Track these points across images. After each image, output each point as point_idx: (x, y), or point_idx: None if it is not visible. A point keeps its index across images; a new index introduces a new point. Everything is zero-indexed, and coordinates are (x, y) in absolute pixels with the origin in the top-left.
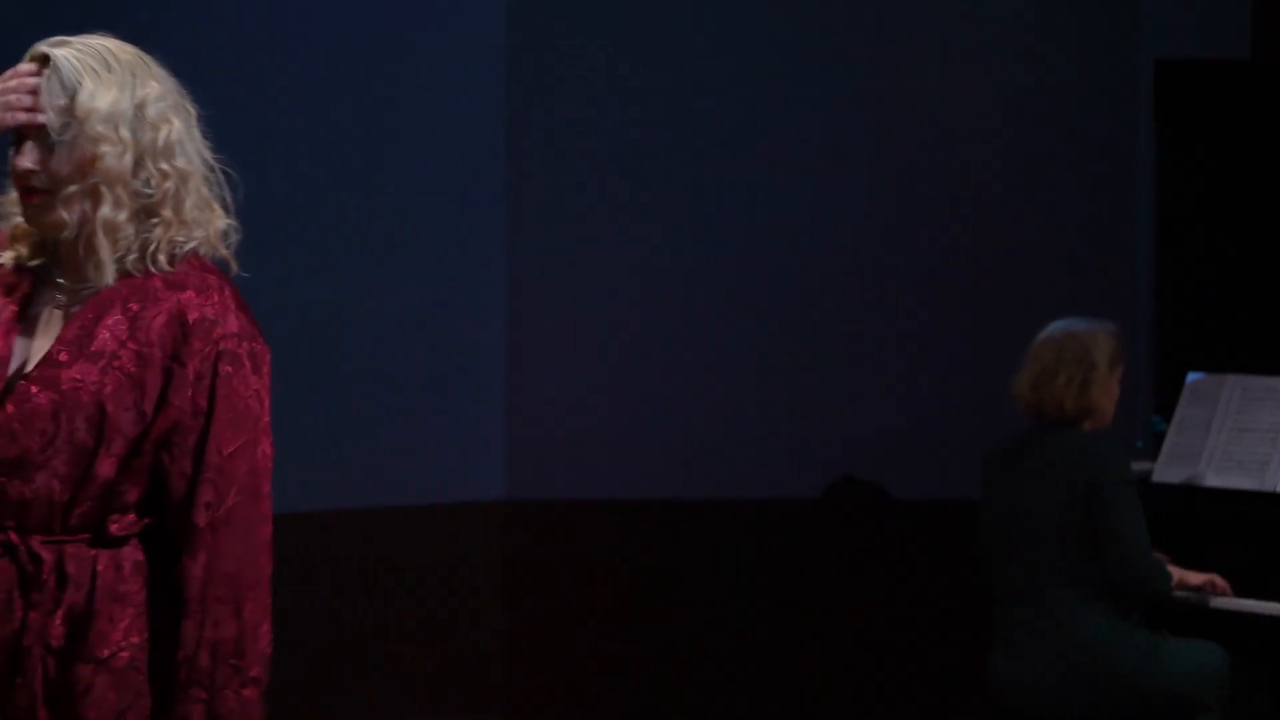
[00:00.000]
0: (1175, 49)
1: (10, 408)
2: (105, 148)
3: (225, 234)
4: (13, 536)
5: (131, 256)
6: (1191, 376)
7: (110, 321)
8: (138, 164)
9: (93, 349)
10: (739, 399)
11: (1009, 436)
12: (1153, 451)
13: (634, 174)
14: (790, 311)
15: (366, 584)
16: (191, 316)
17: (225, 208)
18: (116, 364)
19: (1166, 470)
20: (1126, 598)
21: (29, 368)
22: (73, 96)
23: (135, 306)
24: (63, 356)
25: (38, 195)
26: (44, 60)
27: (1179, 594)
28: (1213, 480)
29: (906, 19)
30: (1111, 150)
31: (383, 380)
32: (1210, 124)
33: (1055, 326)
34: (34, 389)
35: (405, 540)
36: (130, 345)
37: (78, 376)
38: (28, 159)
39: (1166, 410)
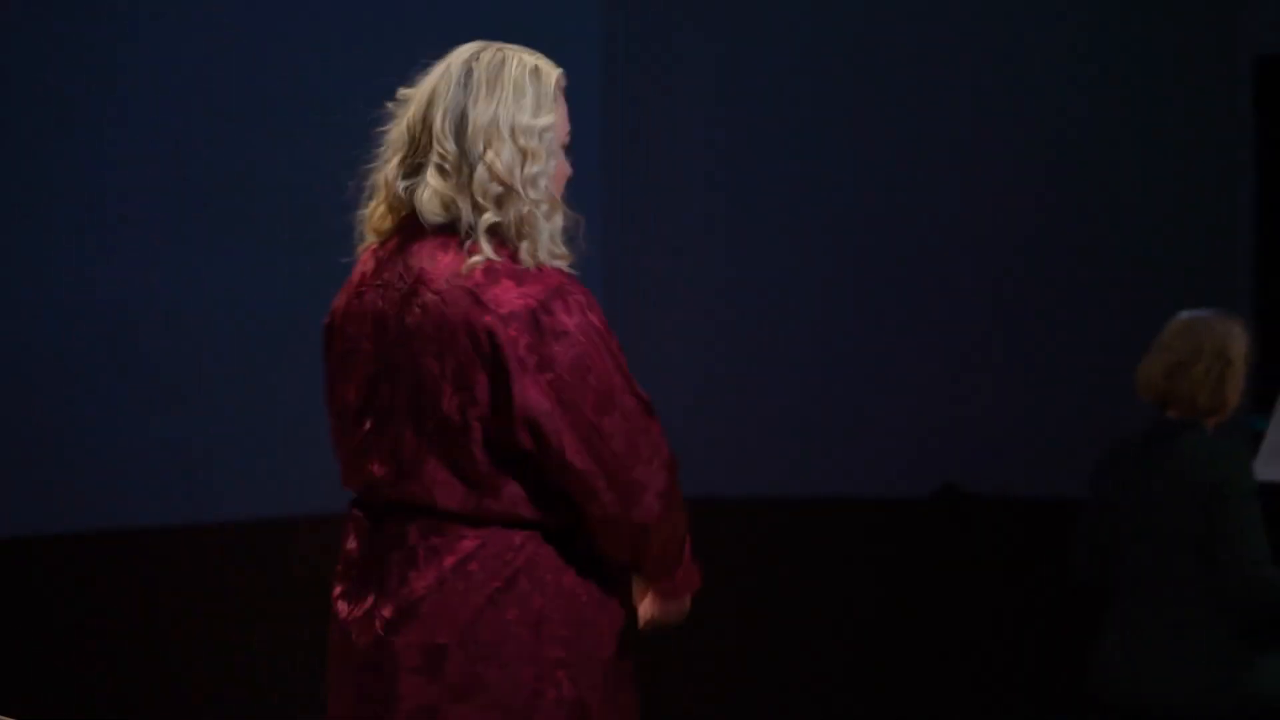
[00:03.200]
0: (1274, 45)
1: None
2: None
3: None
4: None
5: None
6: None
7: None
8: None
9: None
10: (844, 397)
11: (1129, 434)
12: (1251, 451)
13: (742, 168)
14: (899, 310)
15: None
16: None
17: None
18: None
19: (1266, 468)
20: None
21: None
22: None
23: None
24: None
25: None
26: None
27: None
28: None
29: (1007, 19)
30: (1213, 146)
31: None
32: None
33: (1190, 316)
34: None
35: None
36: None
37: None
38: None
39: (1265, 408)
